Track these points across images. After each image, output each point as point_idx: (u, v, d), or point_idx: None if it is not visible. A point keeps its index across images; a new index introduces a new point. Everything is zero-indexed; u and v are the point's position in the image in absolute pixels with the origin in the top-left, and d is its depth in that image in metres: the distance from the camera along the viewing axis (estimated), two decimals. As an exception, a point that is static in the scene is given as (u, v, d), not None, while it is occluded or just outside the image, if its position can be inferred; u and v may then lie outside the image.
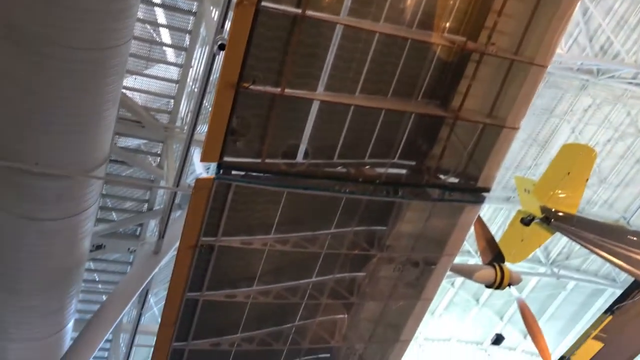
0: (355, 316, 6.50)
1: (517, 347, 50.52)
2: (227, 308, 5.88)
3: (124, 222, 12.53)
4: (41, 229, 8.63)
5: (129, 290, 10.69)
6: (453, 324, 48.80)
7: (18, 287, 9.42)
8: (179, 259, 5.25)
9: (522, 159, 27.60)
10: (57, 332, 10.67)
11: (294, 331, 6.37)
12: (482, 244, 7.00)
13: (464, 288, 44.96)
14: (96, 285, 14.07)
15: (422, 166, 5.59)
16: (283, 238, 5.66)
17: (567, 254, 38.41)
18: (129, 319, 14.49)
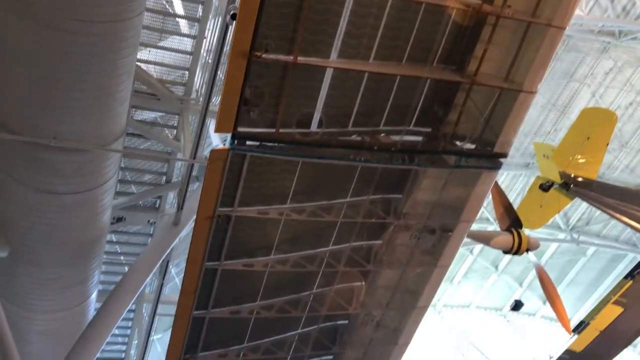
0: (373, 284, 6.54)
1: (537, 313, 50.69)
2: (245, 277, 5.95)
3: (143, 195, 12.67)
4: (62, 202, 8.77)
5: (150, 261, 10.86)
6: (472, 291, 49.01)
7: (42, 259, 9.62)
8: (197, 229, 5.31)
9: (541, 125, 27.26)
10: (81, 303, 10.91)
11: (312, 299, 6.43)
12: (500, 210, 6.96)
13: (483, 255, 44.99)
14: (118, 257, 14.32)
15: (438, 133, 5.54)
16: (299, 207, 5.68)
17: (587, 220, 38.12)
18: (150, 290, 14.78)
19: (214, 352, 6.30)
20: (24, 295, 10.19)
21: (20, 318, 10.22)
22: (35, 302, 10.33)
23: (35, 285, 10.12)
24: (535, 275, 37.15)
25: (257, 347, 6.53)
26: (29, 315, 10.53)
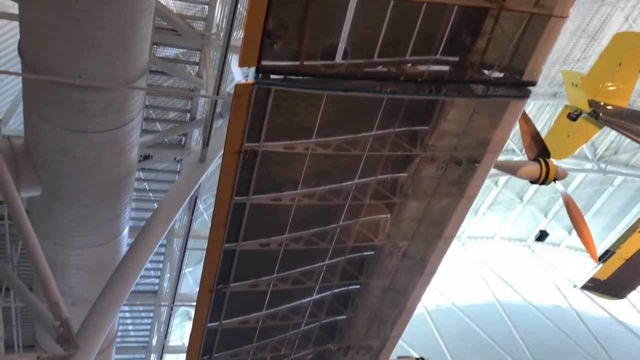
0: (399, 215, 6.60)
1: (561, 243, 50.77)
2: (273, 211, 6.05)
3: (168, 132, 12.79)
4: (90, 141, 8.91)
5: (178, 197, 11.08)
6: (496, 222, 49.09)
7: (74, 197, 9.88)
8: (225, 165, 5.37)
9: (570, 52, 26.43)
10: (114, 239, 11.25)
11: (339, 231, 6.54)
12: (527, 139, 6.86)
13: (508, 187, 44.76)
14: (147, 194, 14.60)
15: (466, 62, 5.41)
16: (325, 142, 5.68)
17: (616, 149, 37.45)
18: (180, 225, 15.13)
19: (245, 282, 6.50)
20: (60, 232, 10.53)
21: (57, 254, 10.60)
22: (71, 239, 10.69)
23: (70, 222, 10.44)
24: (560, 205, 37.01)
25: (286, 277, 6.72)
26: (66, 251, 10.91)
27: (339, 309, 7.51)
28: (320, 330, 7.69)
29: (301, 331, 7.57)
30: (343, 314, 7.60)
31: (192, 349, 6.89)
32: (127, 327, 18.82)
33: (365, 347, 8.14)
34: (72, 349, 8.38)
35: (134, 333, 19.25)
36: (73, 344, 8.39)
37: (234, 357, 7.33)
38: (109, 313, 8.86)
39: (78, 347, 8.37)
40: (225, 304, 6.61)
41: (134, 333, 19.26)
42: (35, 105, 8.69)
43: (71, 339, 8.39)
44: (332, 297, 7.31)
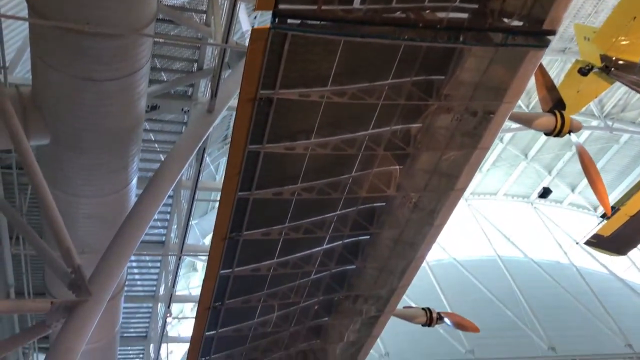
0: (411, 167, 6.58)
1: (564, 200, 50.96)
2: (286, 160, 6.04)
3: (176, 83, 12.65)
4: (99, 89, 8.84)
5: (186, 148, 11.06)
6: (500, 179, 49.17)
7: (83, 146, 9.87)
8: (240, 112, 5.32)
9: (581, 7, 25.94)
10: (123, 189, 11.29)
11: (351, 181, 6.54)
12: (542, 91, 6.78)
13: (513, 143, 44.67)
14: (154, 145, 14.58)
15: (485, 9, 5.27)
16: (340, 90, 5.61)
17: (623, 107, 37.10)
18: (187, 176, 15.16)
19: (258, 231, 6.54)
20: (69, 181, 10.56)
21: (66, 203, 10.65)
22: (80, 188, 10.73)
23: (79, 171, 10.46)
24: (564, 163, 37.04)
25: (298, 226, 6.77)
26: (75, 201, 10.97)
27: (349, 259, 7.59)
28: (330, 279, 7.80)
29: (311, 280, 7.67)
30: (353, 264, 7.68)
31: (205, 295, 7.00)
32: (134, 277, 19.11)
33: (373, 296, 8.28)
34: (84, 295, 8.52)
35: (141, 283, 19.56)
36: (85, 290, 8.52)
37: (245, 304, 7.46)
38: (119, 261, 8.97)
39: (90, 293, 8.50)
40: (237, 252, 6.68)
41: (140, 283, 19.58)
42: (43, 53, 8.59)
43: (83, 286, 8.51)
44: (342, 247, 7.38)
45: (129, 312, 19.42)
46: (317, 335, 8.74)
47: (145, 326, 20.69)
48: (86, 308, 8.45)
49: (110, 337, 15.03)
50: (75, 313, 8.37)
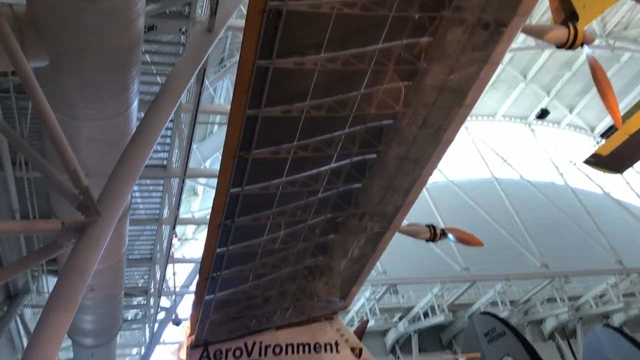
0: (420, 83, 6.51)
1: (562, 121, 50.95)
2: (296, 76, 5.96)
3: (173, 1, 12.28)
4: (96, 8, 8.59)
5: (187, 69, 10.88)
6: (498, 101, 48.91)
7: (82, 68, 9.70)
8: (248, 24, 5.18)
9: None
10: (125, 111, 11.19)
11: (360, 98, 6.48)
12: (555, 2, 6.61)
13: (512, 64, 44.10)
14: (151, 67, 14.34)
15: None
16: (350, 1, 5.46)
17: (626, 24, 36.38)
18: (187, 100, 15.02)
19: (267, 149, 6.55)
20: (70, 104, 10.45)
21: (68, 126, 10.57)
22: (81, 111, 10.63)
23: (79, 93, 10.33)
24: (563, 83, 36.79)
25: (306, 145, 6.77)
26: (77, 124, 10.90)
27: (356, 177, 7.65)
28: (336, 198, 7.89)
29: (318, 198, 7.76)
30: (359, 182, 7.75)
31: (216, 213, 7.10)
32: (137, 201, 19.31)
33: (379, 213, 8.41)
34: (94, 215, 8.62)
35: (144, 206, 19.79)
36: (95, 210, 8.61)
37: (254, 221, 7.57)
38: (127, 182, 9.02)
39: (100, 214, 8.60)
40: (247, 171, 6.72)
41: (143, 206, 19.81)
42: (38, -31, 8.30)
43: (92, 206, 8.60)
44: (350, 165, 7.41)
45: (133, 234, 19.78)
46: (323, 251, 8.94)
47: (150, 248, 21.13)
48: (96, 228, 8.58)
49: (117, 258, 15.37)
50: (86, 233, 8.50)
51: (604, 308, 37.64)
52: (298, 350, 10.17)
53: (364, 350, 10.50)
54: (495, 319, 21.10)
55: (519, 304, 38.23)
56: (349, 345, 10.42)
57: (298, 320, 10.39)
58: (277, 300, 9.77)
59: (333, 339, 10.39)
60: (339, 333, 10.51)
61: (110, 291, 16.53)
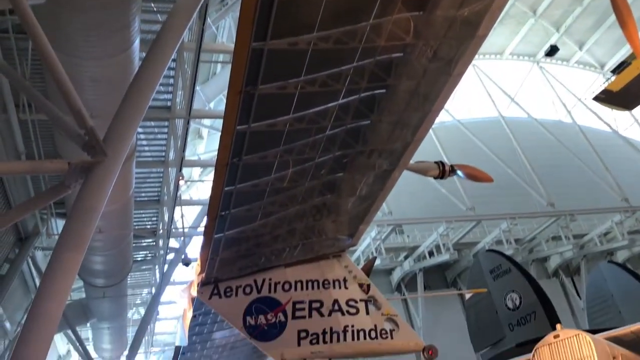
0: (432, 13, 6.24)
1: (571, 59, 49.97)
2: (302, 5, 5.72)
3: None
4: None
5: (189, 5, 10.55)
6: (506, 38, 47.81)
7: (81, 4, 9.45)
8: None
9: None
10: (127, 50, 11.00)
11: (369, 29, 6.24)
12: None
13: None
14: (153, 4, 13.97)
15: None
16: None
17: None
18: (189, 39, 14.70)
19: (273, 84, 6.38)
20: (70, 42, 10.25)
21: (71, 66, 10.43)
22: (82, 49, 10.44)
23: (79, 31, 10.11)
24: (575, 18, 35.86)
25: (314, 80, 6.57)
26: (79, 63, 10.74)
27: (364, 113, 7.47)
28: (345, 135, 7.74)
29: (326, 135, 7.62)
30: (368, 118, 7.58)
31: (223, 152, 7.00)
32: (142, 143, 19.25)
33: (387, 150, 8.28)
34: (100, 155, 8.56)
35: (149, 149, 19.75)
36: (101, 150, 8.55)
37: (262, 159, 7.48)
38: (132, 121, 8.91)
39: (106, 154, 8.54)
40: (253, 107, 6.56)
41: (149, 149, 19.77)
42: None
43: (98, 146, 8.53)
44: (358, 101, 7.23)
45: (140, 177, 19.82)
46: (331, 190, 8.88)
47: (158, 190, 21.22)
48: (103, 168, 8.53)
49: (125, 200, 15.45)
50: (93, 173, 8.46)
51: (608, 245, 38.02)
52: (307, 287, 10.28)
53: (371, 286, 10.62)
54: (501, 256, 21.31)
55: (523, 242, 38.60)
56: (357, 281, 10.53)
57: (306, 258, 10.45)
58: (286, 238, 9.80)
59: (341, 275, 10.49)
60: (347, 270, 10.61)
61: (119, 232, 16.71)
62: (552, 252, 38.92)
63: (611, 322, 20.33)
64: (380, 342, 10.09)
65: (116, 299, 21.50)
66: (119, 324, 25.10)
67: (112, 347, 27.41)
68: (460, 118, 43.85)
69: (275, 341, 9.79)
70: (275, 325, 9.89)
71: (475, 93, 46.67)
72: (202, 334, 12.34)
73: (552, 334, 7.87)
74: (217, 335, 12.71)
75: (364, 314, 10.29)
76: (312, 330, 9.92)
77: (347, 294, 10.39)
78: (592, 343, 7.65)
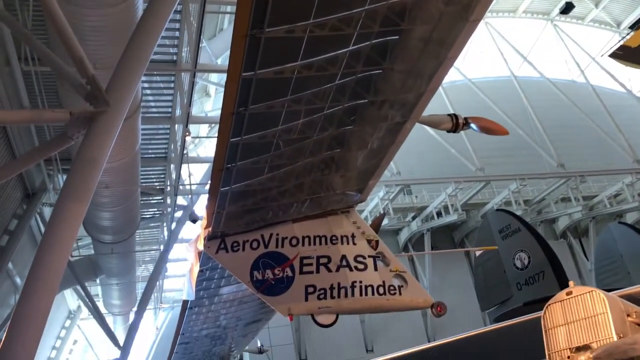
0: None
1: (586, 17, 48.74)
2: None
3: None
4: None
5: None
6: (521, -6, 46.42)
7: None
8: None
9: None
10: None
11: (364, 15, 6.03)
12: None
13: (537, -48, 41.48)
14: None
15: None
16: None
17: None
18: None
19: (281, 27, 6.07)
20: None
21: (73, 15, 10.14)
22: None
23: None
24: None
25: (324, 23, 6.21)
26: (80, 11, 10.43)
27: (376, 61, 7.14)
28: (355, 84, 7.44)
29: (336, 84, 7.32)
30: (380, 67, 7.26)
31: (228, 100, 6.73)
32: (148, 99, 18.98)
33: (400, 101, 7.97)
34: (102, 105, 8.32)
35: (155, 104, 19.51)
36: (103, 100, 8.31)
37: (269, 109, 7.21)
38: (134, 71, 8.62)
39: (108, 104, 8.30)
40: (259, 53, 6.26)
41: (155, 104, 19.53)
42: None
43: (100, 96, 8.28)
44: (369, 48, 6.91)
45: (147, 134, 19.62)
46: (341, 143, 8.62)
47: (164, 147, 21.06)
48: (106, 118, 8.30)
49: (132, 155, 15.30)
50: (95, 124, 8.24)
51: (617, 207, 37.79)
52: (315, 242, 10.14)
53: (380, 243, 10.47)
54: (510, 215, 21.13)
55: (532, 203, 38.39)
56: (365, 237, 10.38)
57: (314, 213, 10.28)
58: (294, 193, 9.61)
59: (349, 231, 10.34)
60: (355, 226, 10.44)
61: (126, 189, 16.61)
62: (560, 214, 38.74)
63: (620, 283, 20.25)
64: (388, 298, 9.98)
65: (124, 256, 21.58)
66: (127, 280, 25.32)
67: (121, 303, 27.73)
68: (472, 77, 43.06)
69: (283, 296, 9.71)
70: (283, 280, 9.79)
71: (488, 52, 45.73)
72: (210, 289, 12.31)
73: (565, 291, 7.68)
74: (225, 290, 12.68)
75: (372, 270, 10.16)
76: (320, 285, 9.82)
77: (356, 249, 10.25)
78: (605, 300, 7.46)
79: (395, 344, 26.33)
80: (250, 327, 17.55)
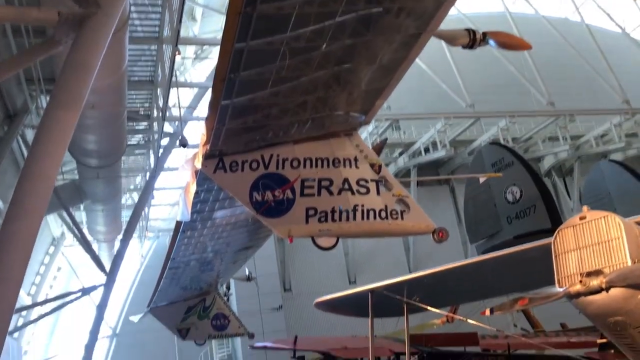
0: None
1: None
2: None
3: None
4: None
5: None
6: None
7: None
8: None
9: None
10: None
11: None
12: None
13: None
14: None
15: None
16: None
17: None
18: None
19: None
20: None
21: None
22: None
23: None
24: None
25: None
26: None
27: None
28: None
29: None
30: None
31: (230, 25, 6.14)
32: (133, 19, 17.95)
33: (417, 10, 7.42)
34: (92, 7, 7.65)
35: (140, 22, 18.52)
36: (93, 1, 7.63)
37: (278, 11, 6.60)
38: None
39: (99, 5, 7.63)
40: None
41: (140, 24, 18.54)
42: None
43: (91, -4, 7.60)
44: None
45: (133, 55, 18.72)
46: (350, 56, 8.07)
47: (151, 70, 20.19)
48: (96, 21, 7.66)
49: (118, 75, 14.55)
50: (86, 26, 7.60)
51: (604, 147, 37.87)
52: (316, 164, 9.76)
53: (383, 167, 10.12)
54: (504, 149, 20.91)
55: (520, 141, 38.31)
56: (368, 161, 10.02)
57: (316, 135, 9.84)
58: (296, 111, 9.12)
59: (352, 154, 9.95)
60: (358, 149, 10.06)
61: (113, 110, 15.93)
62: (547, 152, 38.80)
63: (607, 219, 20.30)
64: (390, 223, 9.72)
65: (110, 180, 21.05)
66: (112, 206, 24.89)
67: (106, 230, 27.40)
68: (466, 11, 41.89)
69: (283, 218, 9.39)
70: (283, 202, 9.45)
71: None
72: (204, 212, 11.95)
73: (578, 216, 7.42)
74: (219, 214, 12.34)
75: (375, 194, 9.85)
76: (321, 208, 9.51)
77: (358, 173, 9.90)
78: (621, 224, 7.22)
79: (378, 276, 26.53)
80: (240, 254, 17.39)
